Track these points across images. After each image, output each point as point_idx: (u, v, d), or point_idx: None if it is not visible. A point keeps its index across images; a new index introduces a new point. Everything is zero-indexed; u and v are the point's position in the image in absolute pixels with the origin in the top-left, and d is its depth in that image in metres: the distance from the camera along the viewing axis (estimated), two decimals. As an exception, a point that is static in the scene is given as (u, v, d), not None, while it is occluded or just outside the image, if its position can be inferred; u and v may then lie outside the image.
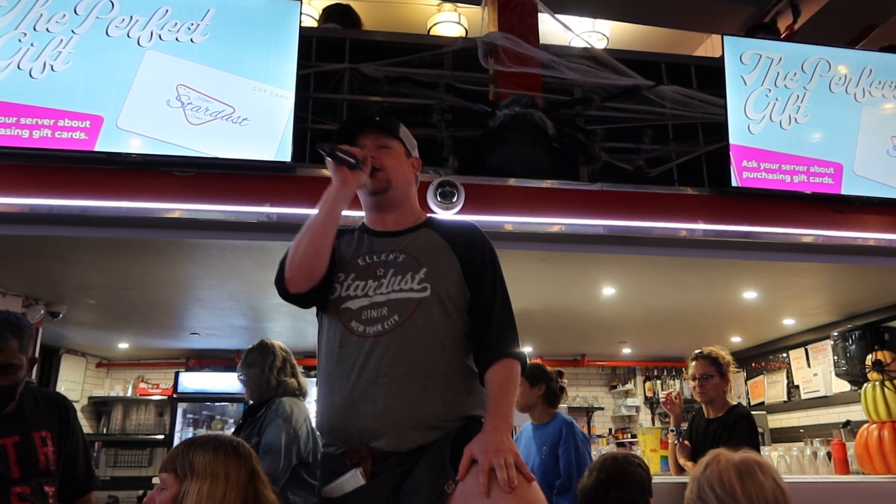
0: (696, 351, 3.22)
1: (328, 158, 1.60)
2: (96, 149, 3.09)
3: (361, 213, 1.78)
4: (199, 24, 3.28)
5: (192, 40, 3.26)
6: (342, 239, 1.69)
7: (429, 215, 1.76)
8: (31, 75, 3.12)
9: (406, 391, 1.47)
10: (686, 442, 3.13)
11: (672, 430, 3.20)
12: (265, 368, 2.80)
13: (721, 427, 2.95)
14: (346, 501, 1.48)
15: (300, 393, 2.88)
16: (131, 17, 3.24)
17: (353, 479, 1.46)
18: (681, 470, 3.19)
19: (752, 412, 6.28)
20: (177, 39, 3.26)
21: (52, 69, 3.13)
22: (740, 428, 2.89)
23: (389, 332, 1.51)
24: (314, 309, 1.67)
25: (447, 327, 1.55)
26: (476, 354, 1.58)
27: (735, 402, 3.12)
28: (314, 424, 1.65)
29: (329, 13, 4.29)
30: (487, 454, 1.34)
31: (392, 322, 1.52)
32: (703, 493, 1.46)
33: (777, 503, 1.44)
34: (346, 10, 4.31)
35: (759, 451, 2.92)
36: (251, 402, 2.88)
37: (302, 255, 1.56)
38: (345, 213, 1.64)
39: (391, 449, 1.46)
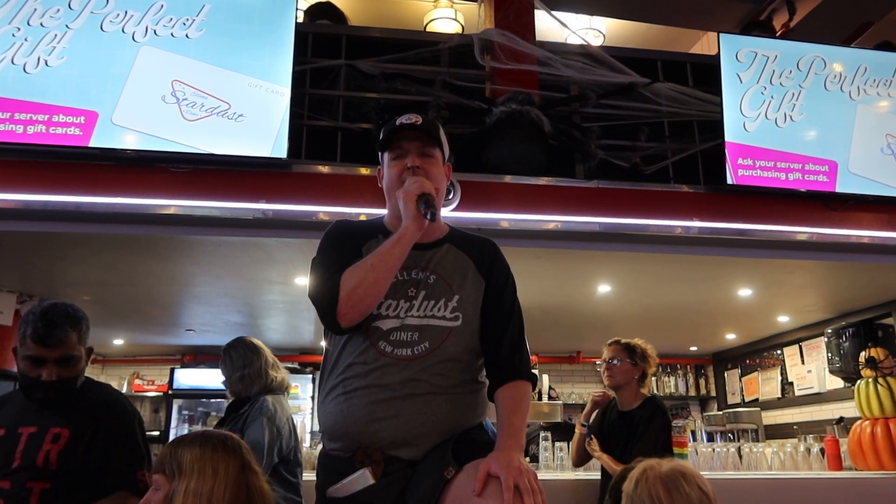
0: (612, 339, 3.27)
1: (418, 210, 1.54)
2: (91, 144, 3.08)
3: (366, 210, 1.75)
4: (194, 20, 3.27)
5: (187, 36, 3.25)
6: (367, 245, 1.63)
7: (450, 227, 1.75)
8: (25, 70, 3.10)
9: (429, 407, 1.50)
10: (593, 436, 3.11)
11: (583, 424, 3.19)
12: (262, 364, 2.80)
13: (638, 419, 2.96)
14: (355, 501, 1.48)
15: (284, 388, 2.89)
16: (126, 13, 3.22)
17: (361, 479, 1.47)
18: (583, 461, 3.19)
19: (747, 408, 6.37)
20: (172, 35, 3.24)
21: (47, 64, 3.12)
22: (657, 421, 2.92)
23: (418, 358, 1.53)
24: (311, 307, 1.65)
25: (470, 349, 1.59)
26: (489, 371, 1.61)
27: (650, 395, 3.11)
28: (319, 426, 1.64)
29: (313, 14, 4.18)
30: (510, 472, 1.31)
31: (423, 349, 1.54)
32: None
33: None
34: (330, 8, 4.22)
35: (670, 444, 2.97)
36: (233, 398, 2.87)
37: (364, 294, 1.49)
38: (349, 209, 1.62)
39: (408, 458, 1.49)
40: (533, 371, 1.61)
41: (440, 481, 1.40)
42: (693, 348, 7.31)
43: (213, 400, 6.72)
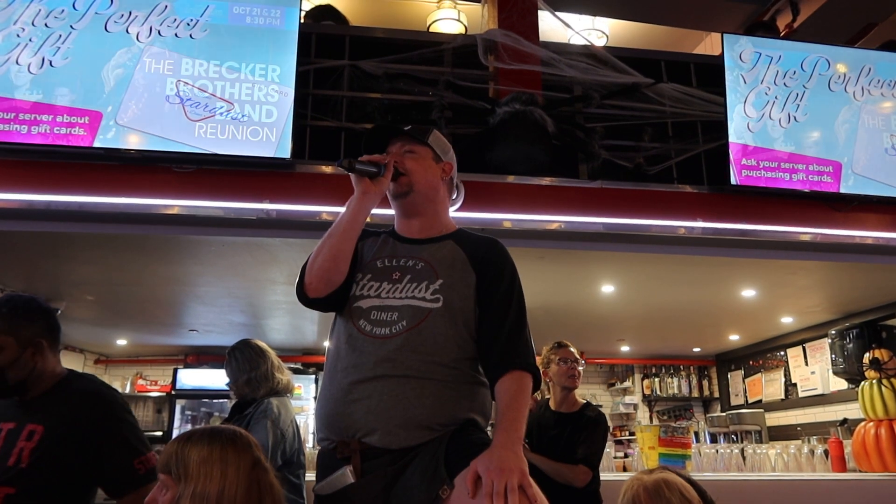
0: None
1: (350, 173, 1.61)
2: (95, 145, 3.08)
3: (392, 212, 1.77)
4: (198, 21, 3.27)
5: (191, 36, 3.26)
6: (366, 241, 1.70)
7: (459, 228, 1.75)
8: (29, 70, 3.11)
9: (402, 390, 1.47)
10: (526, 442, 3.05)
11: None
12: (268, 367, 2.80)
13: (585, 420, 2.95)
14: (337, 499, 1.47)
15: (289, 390, 2.89)
16: (130, 13, 3.23)
17: (342, 477, 1.45)
18: None
19: (751, 410, 6.36)
20: (176, 35, 3.25)
21: (51, 65, 3.13)
22: (602, 425, 2.95)
23: (395, 336, 1.52)
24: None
25: (453, 337, 1.55)
26: (485, 367, 1.57)
27: (585, 401, 3.12)
28: (314, 415, 1.65)
29: (314, 17, 4.15)
30: (490, 474, 1.27)
31: (400, 327, 1.53)
32: None
33: None
34: (331, 10, 4.19)
35: (603, 449, 3.00)
36: (237, 399, 2.87)
37: (322, 261, 1.58)
38: (375, 210, 1.66)
39: (381, 445, 1.45)
40: (534, 364, 1.55)
41: (435, 501, 1.37)
42: (696, 349, 7.30)
43: (216, 400, 6.73)
